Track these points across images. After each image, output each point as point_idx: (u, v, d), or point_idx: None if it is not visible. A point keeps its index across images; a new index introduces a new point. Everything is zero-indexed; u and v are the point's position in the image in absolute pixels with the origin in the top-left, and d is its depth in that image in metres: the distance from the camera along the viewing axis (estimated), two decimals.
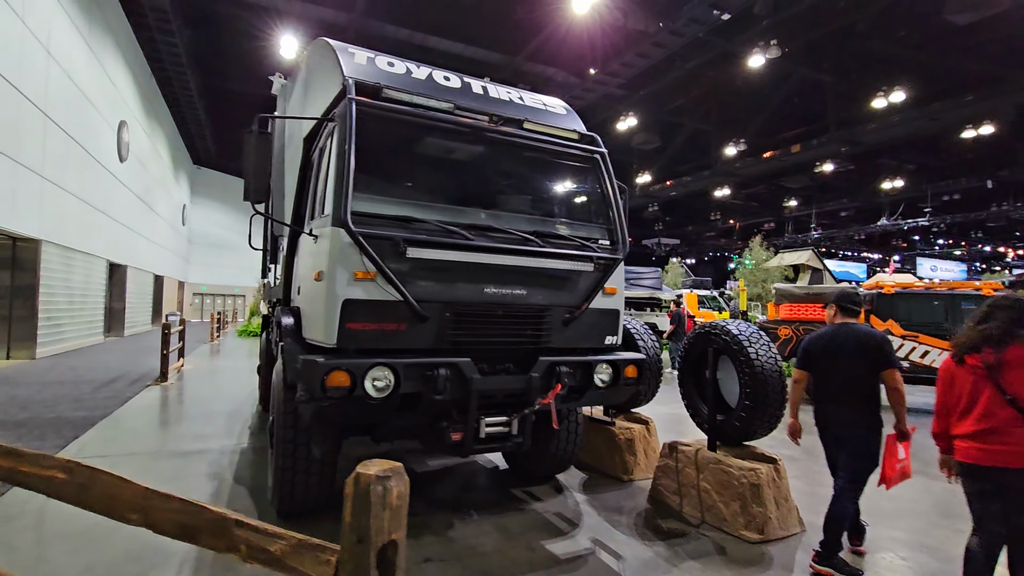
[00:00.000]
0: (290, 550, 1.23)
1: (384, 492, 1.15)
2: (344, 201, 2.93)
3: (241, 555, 1.28)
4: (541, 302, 3.46)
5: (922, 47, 18.44)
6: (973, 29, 15.92)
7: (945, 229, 33.11)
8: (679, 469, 4.05)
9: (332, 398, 2.79)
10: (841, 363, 3.28)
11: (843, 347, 3.29)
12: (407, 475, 1.23)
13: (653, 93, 23.62)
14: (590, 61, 21.34)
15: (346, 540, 1.15)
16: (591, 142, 4.00)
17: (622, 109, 24.35)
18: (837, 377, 3.29)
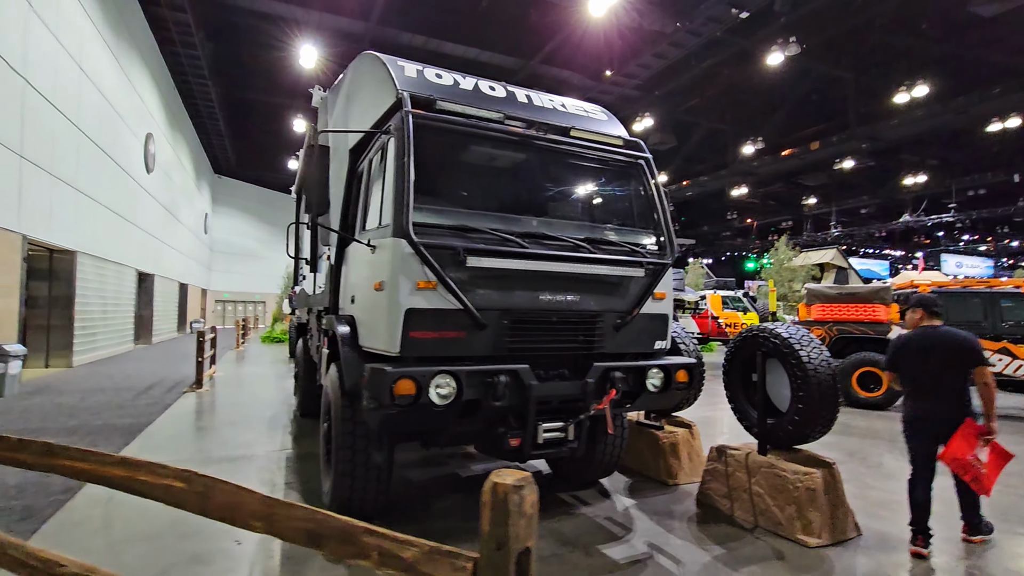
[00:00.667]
0: (423, 557, 1.27)
1: (520, 501, 1.19)
2: (405, 212, 2.99)
3: (372, 562, 1.32)
4: (594, 308, 3.48)
5: (945, 40, 18.14)
6: (999, 20, 15.63)
7: (970, 225, 32.42)
8: (729, 473, 4.04)
9: (399, 406, 2.85)
10: (933, 363, 3.51)
11: (934, 348, 3.54)
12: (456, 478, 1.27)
13: (668, 93, 23.54)
14: (606, 63, 21.34)
15: (485, 547, 1.20)
16: (635, 147, 4.02)
17: (638, 110, 24.28)
18: (930, 376, 3.52)
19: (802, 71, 20.90)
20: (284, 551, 3.28)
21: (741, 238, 43.36)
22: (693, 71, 21.29)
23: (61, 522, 3.66)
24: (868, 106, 22.03)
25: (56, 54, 11.28)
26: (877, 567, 3.27)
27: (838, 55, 20.24)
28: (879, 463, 5.55)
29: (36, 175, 10.47)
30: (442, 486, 4.65)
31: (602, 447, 4.32)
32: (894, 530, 3.81)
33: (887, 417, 8.06)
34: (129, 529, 3.58)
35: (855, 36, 18.92)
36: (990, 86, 18.27)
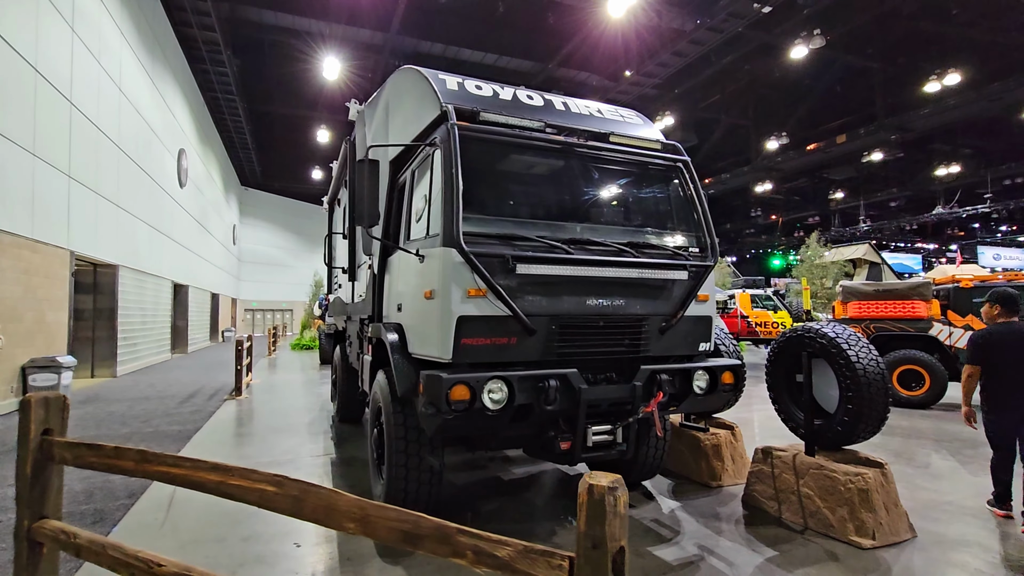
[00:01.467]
0: (518, 555, 1.33)
1: (615, 501, 1.25)
2: (455, 222, 3.08)
3: (468, 560, 1.40)
4: (639, 311, 3.52)
5: (977, 25, 17.62)
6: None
7: (1007, 215, 31.32)
8: (775, 475, 4.02)
9: (455, 411, 2.93)
10: (1015, 356, 3.93)
11: (1014, 343, 3.96)
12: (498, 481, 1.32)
13: (688, 91, 23.36)
14: (624, 63, 21.28)
15: (581, 546, 1.26)
16: (674, 151, 4.05)
17: (657, 109, 24.14)
18: (1014, 368, 3.93)
19: (826, 63, 20.53)
20: (342, 552, 3.39)
21: (765, 235, 42.64)
22: (713, 67, 21.10)
23: (130, 525, 3.84)
24: (896, 96, 21.53)
25: (98, 77, 11.76)
26: (934, 567, 3.23)
27: (864, 45, 19.83)
28: (927, 463, 5.44)
29: (82, 193, 10.92)
30: (486, 489, 4.72)
31: (646, 449, 4.34)
32: (949, 531, 3.75)
33: (930, 416, 7.88)
34: (195, 532, 3.73)
35: (882, 25, 18.51)
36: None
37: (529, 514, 4.09)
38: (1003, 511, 4.05)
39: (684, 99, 24.20)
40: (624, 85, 22.48)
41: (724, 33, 17.97)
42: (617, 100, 23.16)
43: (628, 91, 22.91)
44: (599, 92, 23.15)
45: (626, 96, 23.07)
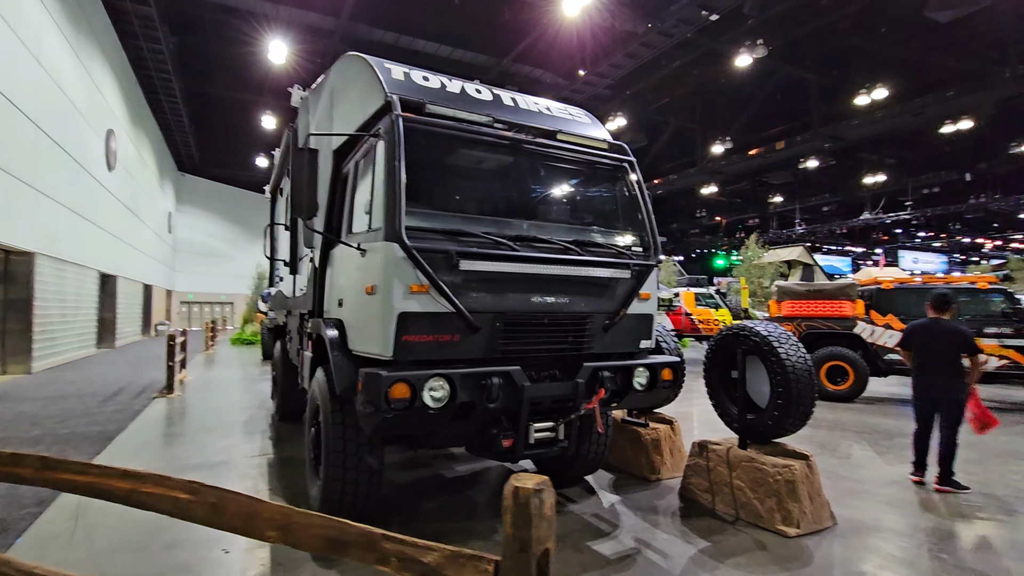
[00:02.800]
0: (446, 561, 1.30)
1: (540, 504, 1.24)
2: (398, 216, 3.00)
3: (392, 568, 1.35)
4: (584, 309, 3.55)
5: (903, 44, 18.89)
6: (954, 26, 16.37)
7: (925, 222, 33.93)
8: (710, 468, 4.17)
9: (394, 410, 2.86)
10: (937, 347, 4.68)
11: (939, 337, 4.69)
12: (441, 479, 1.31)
13: (639, 93, 23.86)
14: (579, 62, 21.49)
15: (508, 549, 1.24)
16: (620, 151, 4.10)
17: (609, 109, 24.54)
18: (934, 357, 4.68)
19: (768, 72, 21.48)
20: (274, 558, 3.26)
21: (710, 235, 44.32)
22: (663, 71, 21.64)
23: (38, 535, 3.55)
24: (830, 107, 22.79)
25: (13, 48, 10.76)
26: (852, 553, 3.44)
27: (803, 57, 20.86)
28: (848, 454, 5.80)
29: None
30: (429, 488, 4.66)
31: (588, 445, 4.40)
32: (866, 518, 4.01)
33: (853, 409, 8.41)
34: (111, 539, 3.49)
35: (819, 39, 19.53)
36: (944, 89, 19.12)
37: (471, 512, 4.07)
38: (916, 476, 4.82)
39: (635, 101, 24.70)
40: (578, 84, 22.72)
41: (674, 38, 18.46)
42: (571, 99, 23.39)
43: (582, 90, 23.17)
44: (553, 89, 23.28)
45: (580, 95, 23.33)
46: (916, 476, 4.81)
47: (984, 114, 20.40)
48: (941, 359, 4.65)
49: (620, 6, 17.77)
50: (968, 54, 18.34)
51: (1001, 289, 8.62)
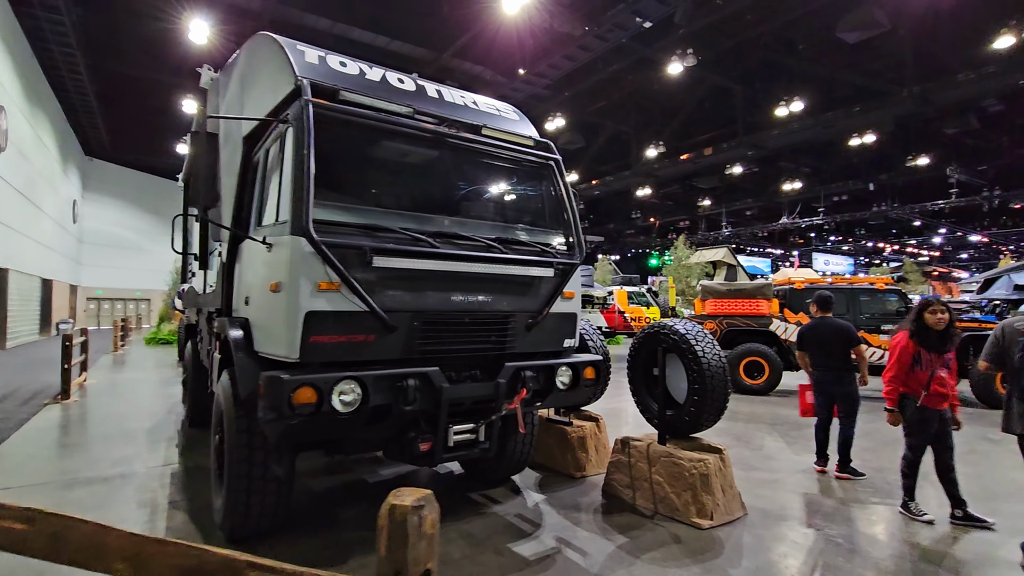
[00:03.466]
0: None
1: (420, 522, 1.15)
2: (305, 209, 2.81)
3: None
4: (506, 308, 3.49)
5: (817, 61, 20.29)
6: (860, 47, 17.75)
7: (835, 227, 36.78)
8: (632, 464, 4.24)
9: (300, 415, 2.67)
10: (827, 344, 4.98)
11: (827, 334, 5.00)
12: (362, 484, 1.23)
13: (577, 94, 24.26)
14: (519, 61, 21.55)
15: (382, 573, 1.14)
16: (546, 148, 4.08)
17: (548, 109, 24.80)
18: (826, 354, 4.99)
19: (698, 81, 22.45)
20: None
21: (644, 236, 45.88)
22: (600, 75, 22.12)
23: None
24: (753, 117, 24.14)
25: None
26: (759, 542, 3.59)
27: (729, 68, 21.96)
28: (761, 446, 6.12)
29: None
30: (348, 494, 4.46)
31: (513, 445, 4.37)
32: (774, 507, 4.21)
33: (768, 402, 8.91)
34: None
35: (743, 52, 20.62)
36: (852, 105, 20.71)
37: None
38: (819, 467, 5.13)
39: (573, 102, 25.08)
40: (517, 83, 22.79)
41: (609, 42, 18.89)
42: (510, 97, 23.45)
43: (521, 89, 23.27)
44: (493, 87, 23.24)
45: (519, 94, 23.42)
46: (819, 466, 5.13)
47: (885, 129, 22.30)
48: (832, 355, 4.96)
49: (559, 7, 17.95)
50: (873, 73, 19.96)
51: (896, 290, 9.43)
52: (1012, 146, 23.60)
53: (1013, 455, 5.83)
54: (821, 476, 5.01)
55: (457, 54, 21.41)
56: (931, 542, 3.63)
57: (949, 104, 19.91)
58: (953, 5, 15.72)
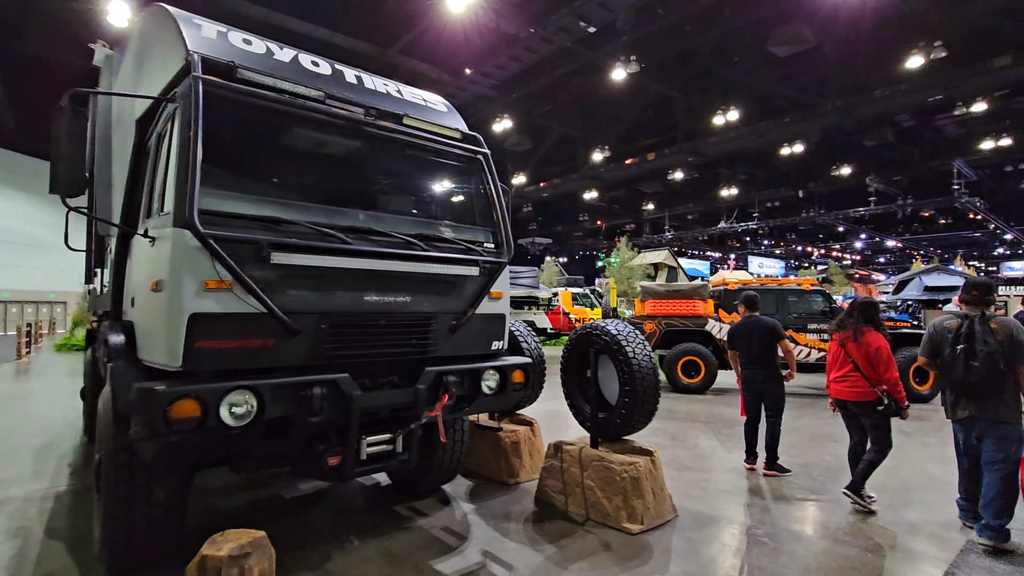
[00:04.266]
0: None
1: (242, 573, 0.92)
2: (189, 197, 2.48)
3: None
4: (426, 309, 3.27)
5: (751, 73, 21.22)
6: (790, 61, 18.67)
7: (769, 231, 38.70)
8: (564, 469, 4.12)
9: (179, 431, 2.35)
10: (754, 342, 5.06)
11: (753, 332, 5.08)
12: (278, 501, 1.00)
13: (524, 97, 24.30)
14: (465, 60, 21.32)
15: None
16: (474, 142, 3.89)
17: (496, 110, 24.73)
18: (754, 352, 5.06)
19: (641, 88, 22.96)
20: None
21: (591, 238, 46.65)
22: (547, 78, 22.23)
23: None
24: (693, 124, 24.93)
25: None
26: (689, 545, 3.54)
27: (670, 77, 22.58)
28: (695, 445, 6.17)
29: None
30: (262, 512, 4.10)
31: (441, 453, 4.15)
32: (704, 508, 4.20)
33: (704, 400, 9.10)
34: None
35: (683, 61, 21.28)
36: (783, 115, 21.79)
37: (304, 540, 3.60)
38: (749, 465, 5.22)
39: (521, 104, 25.10)
40: (464, 82, 22.56)
41: (555, 45, 18.98)
42: (456, 96, 23.23)
43: (467, 89, 23.07)
44: (439, 85, 22.92)
45: (466, 93, 23.22)
46: (748, 464, 5.20)
47: (812, 140, 23.60)
48: (759, 352, 5.04)
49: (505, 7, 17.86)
50: (801, 87, 21.10)
51: (820, 290, 9.87)
52: (922, 159, 25.54)
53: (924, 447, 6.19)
54: (750, 474, 5.07)
55: (403, 51, 20.93)
56: (852, 537, 3.70)
57: (868, 118, 21.30)
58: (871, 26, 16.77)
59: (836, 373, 4.31)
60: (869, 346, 4.11)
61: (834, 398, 4.36)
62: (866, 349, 4.12)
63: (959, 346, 3.57)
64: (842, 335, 4.31)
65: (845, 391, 4.21)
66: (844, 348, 4.26)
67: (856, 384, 4.15)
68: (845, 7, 15.71)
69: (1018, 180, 28.33)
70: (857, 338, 4.18)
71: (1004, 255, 45.61)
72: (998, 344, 3.46)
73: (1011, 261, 45.05)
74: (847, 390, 4.20)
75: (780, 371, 5.08)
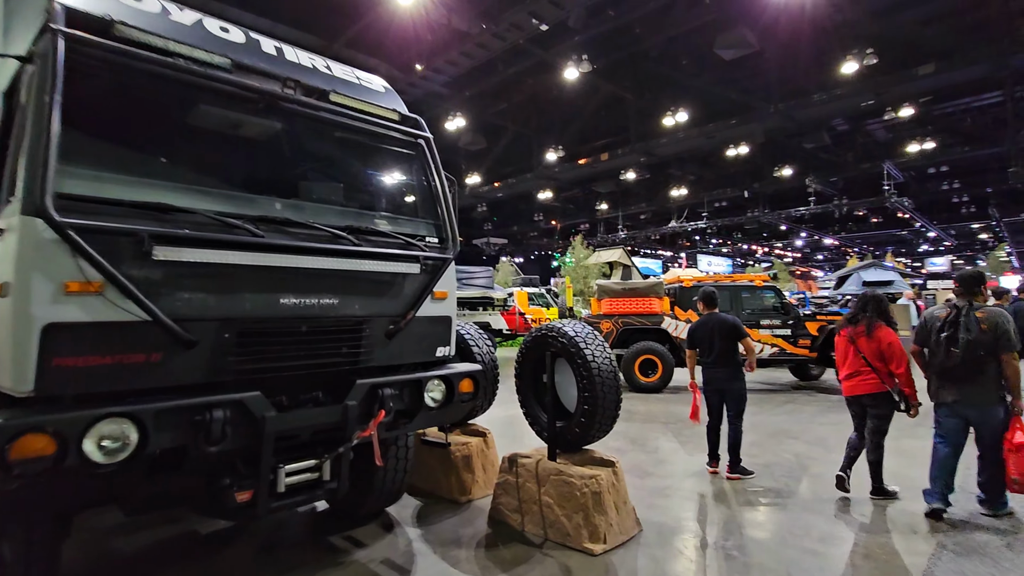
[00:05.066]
0: None
1: None
2: (41, 177, 1.97)
3: None
4: (358, 312, 2.84)
5: (699, 75, 21.65)
6: (736, 64, 19.11)
7: (717, 230, 39.86)
8: (519, 485, 3.76)
9: (24, 475, 1.84)
10: (714, 340, 4.85)
11: (715, 330, 4.86)
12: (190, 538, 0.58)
13: (478, 95, 23.93)
14: (415, 56, 20.74)
15: None
16: (414, 125, 3.47)
17: (449, 108, 24.26)
18: (714, 350, 4.85)
19: (594, 88, 23.03)
20: None
21: (547, 238, 46.72)
22: (501, 76, 21.94)
23: None
24: (645, 125, 25.25)
25: None
26: (655, 564, 3.26)
27: (622, 78, 22.75)
28: (656, 448, 5.96)
29: None
30: (170, 553, 3.53)
31: (382, 475, 3.70)
32: (669, 520, 3.94)
33: (662, 400, 8.97)
34: None
35: (634, 62, 21.49)
36: (729, 117, 22.34)
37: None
38: (712, 468, 4.98)
39: (474, 103, 24.72)
40: (415, 78, 21.93)
41: (507, 42, 18.69)
42: (407, 92, 22.60)
43: (419, 85, 22.46)
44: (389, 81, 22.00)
45: (417, 90, 22.61)
46: (712, 467, 5.00)
47: (756, 141, 24.35)
48: (721, 350, 4.84)
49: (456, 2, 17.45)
50: (747, 90, 21.69)
51: (772, 286, 9.97)
52: (856, 161, 26.84)
53: None
54: (714, 478, 4.88)
55: (350, 44, 20.09)
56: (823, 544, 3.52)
57: (807, 121, 22.14)
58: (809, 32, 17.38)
59: (847, 370, 4.29)
60: (881, 342, 4.11)
61: (846, 395, 4.32)
62: (878, 344, 4.11)
63: (943, 334, 3.73)
64: (851, 331, 4.29)
65: (860, 386, 4.20)
66: (854, 344, 4.23)
67: (867, 378, 4.16)
68: (786, 14, 16.21)
69: (940, 181, 30.24)
70: (870, 333, 4.16)
71: (928, 251, 48.88)
72: (980, 333, 3.61)
73: (934, 257, 48.37)
74: (861, 385, 4.19)
75: (742, 369, 4.92)
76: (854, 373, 4.24)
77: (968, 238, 44.16)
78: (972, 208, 34.34)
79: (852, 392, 4.26)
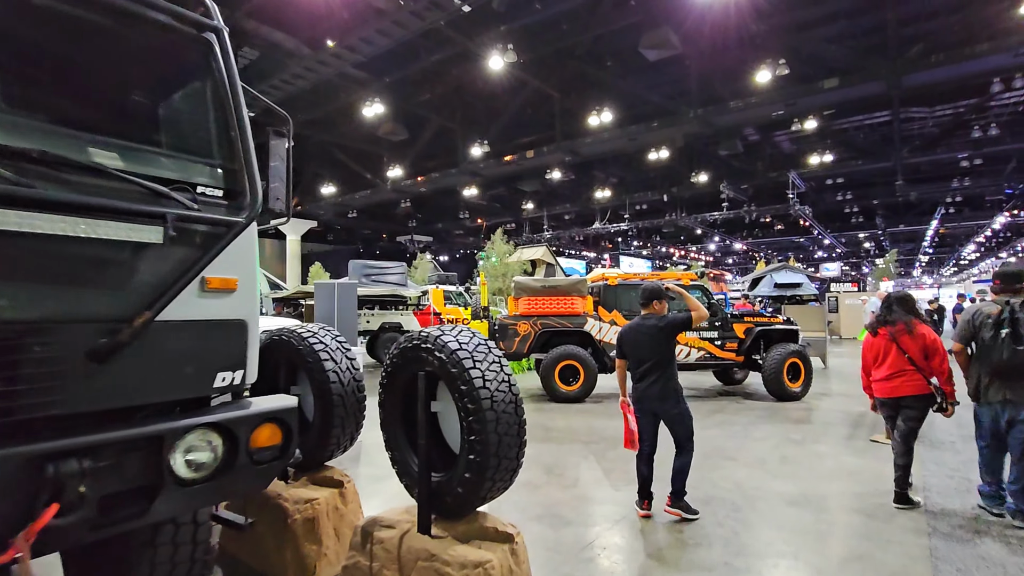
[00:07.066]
0: None
1: None
2: None
3: None
4: (22, 315, 1.49)
5: (623, 76, 21.43)
6: (659, 67, 19.00)
7: (637, 233, 40.61)
8: (375, 572, 2.53)
9: None
10: (644, 349, 4.05)
11: (645, 336, 4.09)
12: None
13: (399, 82, 22.46)
14: (326, 30, 18.92)
15: None
16: (199, 8, 2.15)
17: (367, 94, 22.62)
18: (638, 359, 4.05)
19: (520, 84, 22.22)
20: None
21: (472, 237, 45.54)
22: (423, 63, 20.65)
23: None
24: (570, 124, 24.81)
25: None
26: None
27: (548, 75, 22.11)
28: (576, 479, 4.94)
29: None
30: None
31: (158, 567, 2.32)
32: None
33: (584, 411, 8.05)
34: None
35: (560, 60, 20.93)
36: (651, 120, 22.31)
37: None
38: (643, 511, 4.00)
39: (395, 91, 23.22)
40: (326, 56, 20.07)
41: (427, 21, 17.40)
42: (317, 71, 20.83)
43: (330, 63, 20.61)
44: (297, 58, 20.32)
45: (328, 68, 20.76)
46: (643, 510, 4.03)
47: (676, 145, 24.64)
48: (652, 362, 4.00)
49: None
50: (668, 94, 21.79)
51: (700, 285, 9.40)
52: (764, 170, 28.02)
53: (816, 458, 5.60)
54: (646, 524, 3.89)
55: (252, 14, 17.94)
56: None
57: (723, 128, 22.70)
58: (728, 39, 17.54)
59: (887, 371, 4.10)
60: (925, 338, 3.98)
61: (886, 396, 4.13)
62: (922, 341, 3.98)
63: (1004, 330, 3.58)
64: (892, 330, 4.12)
65: (903, 387, 4.02)
66: (897, 343, 4.06)
67: (912, 378, 4.00)
68: (709, 17, 16.26)
69: (835, 192, 32.40)
70: (912, 331, 4.01)
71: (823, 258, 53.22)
72: None
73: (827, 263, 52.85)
74: (905, 385, 4.02)
75: (681, 394, 4.07)
76: (896, 373, 4.07)
77: (855, 246, 48.37)
78: (861, 218, 37.21)
79: (894, 394, 4.08)
